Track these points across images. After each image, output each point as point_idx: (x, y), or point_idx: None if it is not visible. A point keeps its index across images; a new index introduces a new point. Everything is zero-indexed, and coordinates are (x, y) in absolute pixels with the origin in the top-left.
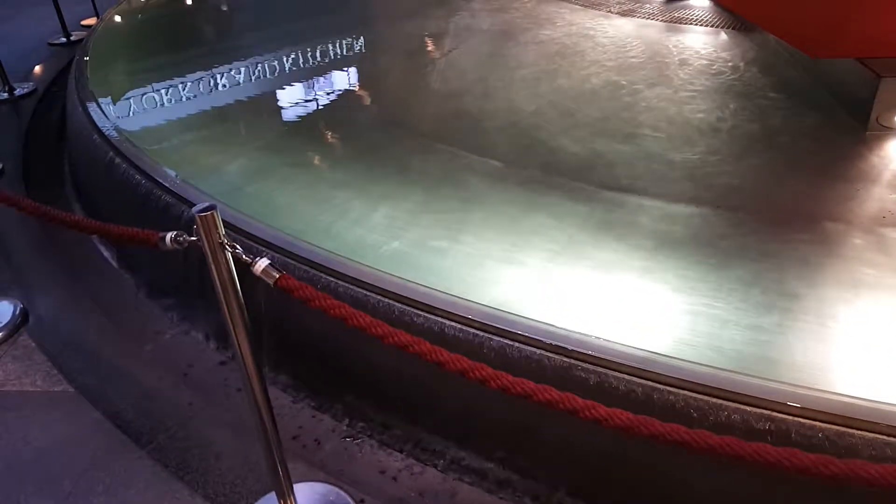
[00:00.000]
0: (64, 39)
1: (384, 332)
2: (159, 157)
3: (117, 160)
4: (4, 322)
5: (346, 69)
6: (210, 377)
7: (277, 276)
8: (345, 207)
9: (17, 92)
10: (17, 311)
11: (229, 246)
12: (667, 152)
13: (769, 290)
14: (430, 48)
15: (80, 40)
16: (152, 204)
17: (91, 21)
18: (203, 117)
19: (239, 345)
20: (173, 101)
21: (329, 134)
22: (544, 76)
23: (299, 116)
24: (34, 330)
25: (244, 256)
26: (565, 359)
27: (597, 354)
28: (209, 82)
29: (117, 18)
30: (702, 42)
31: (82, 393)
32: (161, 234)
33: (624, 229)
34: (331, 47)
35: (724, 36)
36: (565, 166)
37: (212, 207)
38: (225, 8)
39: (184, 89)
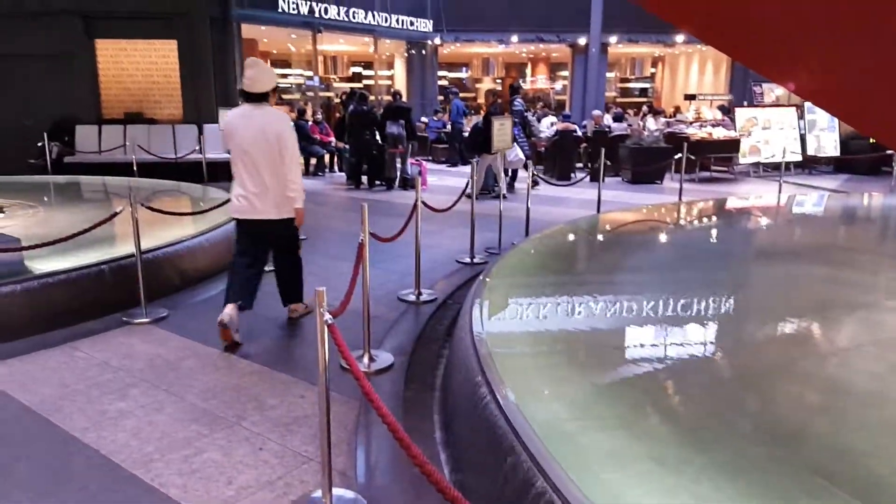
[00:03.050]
0: (468, 259)
1: None
2: (519, 394)
3: (482, 389)
4: None
5: (731, 345)
6: None
7: None
8: None
9: (422, 297)
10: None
11: None
12: None
13: None
14: (829, 342)
15: (482, 263)
16: (498, 443)
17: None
18: (570, 363)
19: None
20: (549, 338)
21: (695, 426)
22: None
23: (671, 392)
24: None
25: None
26: None
27: None
28: (587, 322)
29: (519, 249)
30: None
31: None
32: None
33: None
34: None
35: None
36: None
37: None
38: (611, 246)
39: (563, 325)
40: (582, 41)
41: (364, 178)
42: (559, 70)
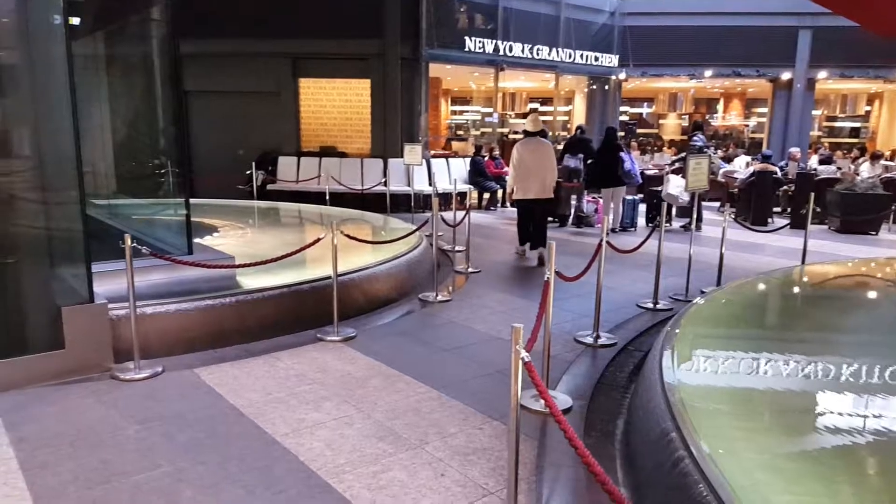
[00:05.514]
0: (651, 305)
1: None
2: (718, 456)
3: (675, 445)
4: None
5: None
6: None
7: None
8: None
9: (601, 340)
10: None
11: None
12: None
13: None
14: None
15: (667, 309)
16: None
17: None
18: (773, 427)
19: None
20: (748, 397)
21: None
22: None
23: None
24: None
25: None
26: None
27: None
28: (789, 383)
29: (712, 298)
30: None
31: None
32: None
33: None
34: None
35: None
36: None
37: None
38: (818, 302)
39: (763, 384)
40: (785, 76)
41: None
42: (755, 106)
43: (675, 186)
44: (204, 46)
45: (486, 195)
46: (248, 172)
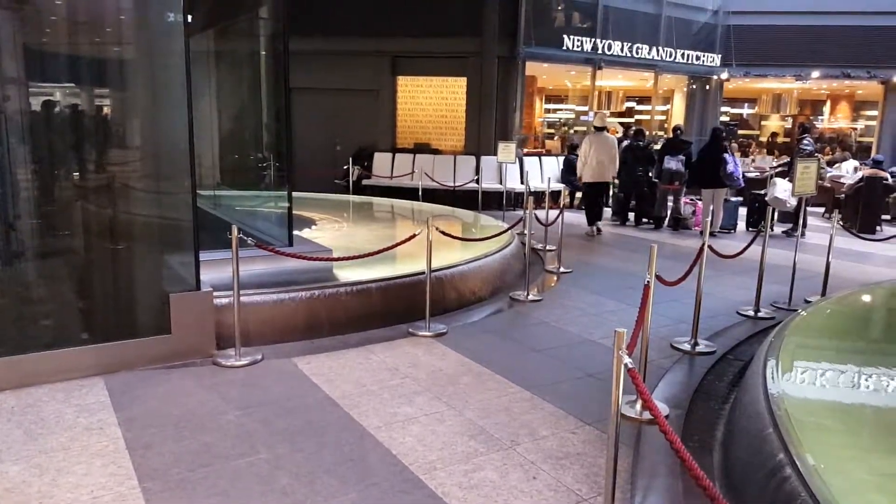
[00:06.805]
0: (752, 312)
1: None
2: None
3: (782, 464)
4: None
5: None
6: None
7: None
8: None
9: (699, 347)
10: None
11: None
12: None
13: None
14: None
15: (768, 318)
16: None
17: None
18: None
19: None
20: (862, 417)
21: None
22: None
23: None
24: None
25: None
26: None
27: None
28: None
29: (818, 308)
30: None
31: None
32: None
33: None
34: None
35: None
36: None
37: None
38: None
39: (879, 402)
40: None
41: (630, 215)
42: (863, 109)
43: (782, 190)
44: (307, 44)
45: (578, 194)
46: (344, 167)
